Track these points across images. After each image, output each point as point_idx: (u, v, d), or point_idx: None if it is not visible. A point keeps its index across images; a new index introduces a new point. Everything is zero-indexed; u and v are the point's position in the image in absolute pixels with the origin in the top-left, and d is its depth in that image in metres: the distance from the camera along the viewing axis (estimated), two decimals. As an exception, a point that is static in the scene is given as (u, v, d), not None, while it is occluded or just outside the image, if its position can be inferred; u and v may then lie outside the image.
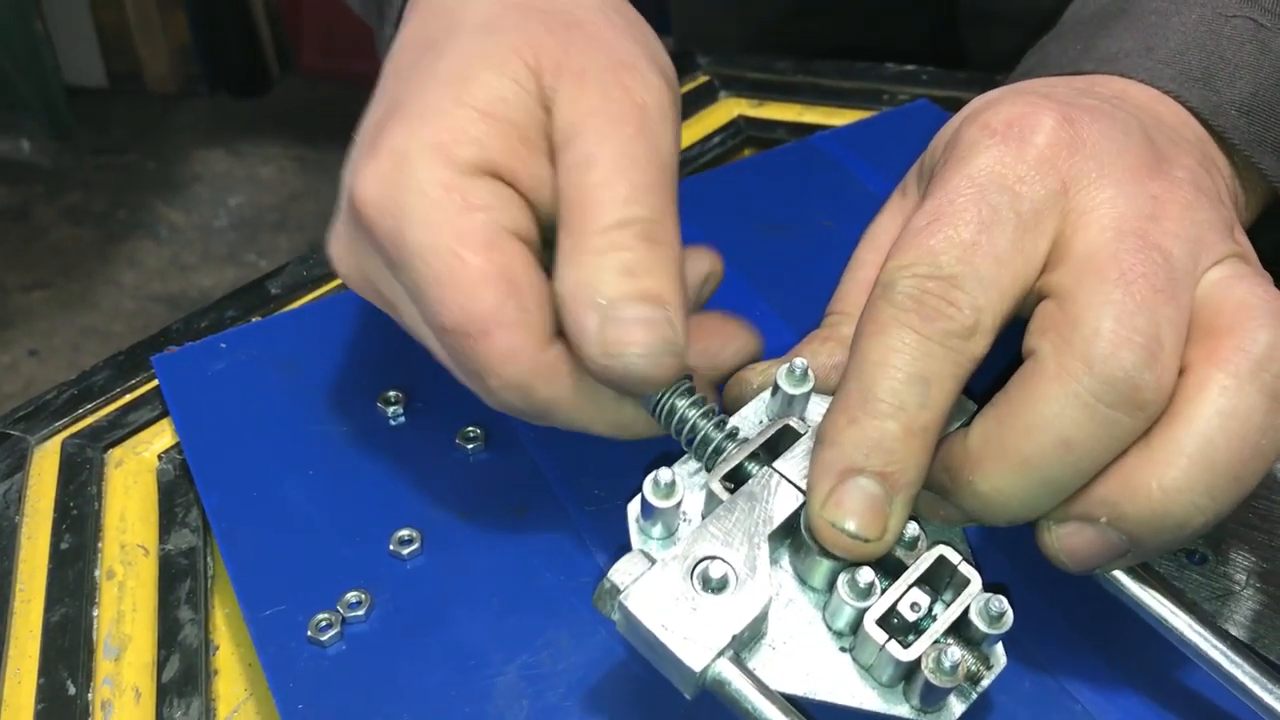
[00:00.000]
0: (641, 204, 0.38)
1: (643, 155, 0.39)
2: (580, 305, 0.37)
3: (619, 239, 0.38)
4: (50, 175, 2.68)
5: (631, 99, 0.40)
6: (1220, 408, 0.34)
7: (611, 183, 0.38)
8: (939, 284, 0.36)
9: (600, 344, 0.37)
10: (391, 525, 0.46)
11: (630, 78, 0.40)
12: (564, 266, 0.38)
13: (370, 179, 0.39)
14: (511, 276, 0.38)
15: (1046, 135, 0.39)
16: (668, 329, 0.38)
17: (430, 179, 0.38)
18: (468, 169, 0.39)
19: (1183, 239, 0.37)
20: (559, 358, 0.39)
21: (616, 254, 0.38)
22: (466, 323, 0.38)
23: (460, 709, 0.40)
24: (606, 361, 0.37)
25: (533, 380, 0.39)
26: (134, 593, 0.47)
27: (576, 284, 0.38)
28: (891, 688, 0.37)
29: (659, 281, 0.38)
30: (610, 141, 0.39)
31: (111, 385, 0.56)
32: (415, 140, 0.39)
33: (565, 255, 0.38)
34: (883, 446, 0.36)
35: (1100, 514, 0.35)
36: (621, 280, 0.37)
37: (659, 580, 0.36)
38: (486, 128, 0.39)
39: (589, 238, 0.38)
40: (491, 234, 0.38)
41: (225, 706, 0.44)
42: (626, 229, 0.38)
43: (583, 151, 0.39)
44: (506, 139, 0.39)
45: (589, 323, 0.37)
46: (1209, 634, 0.37)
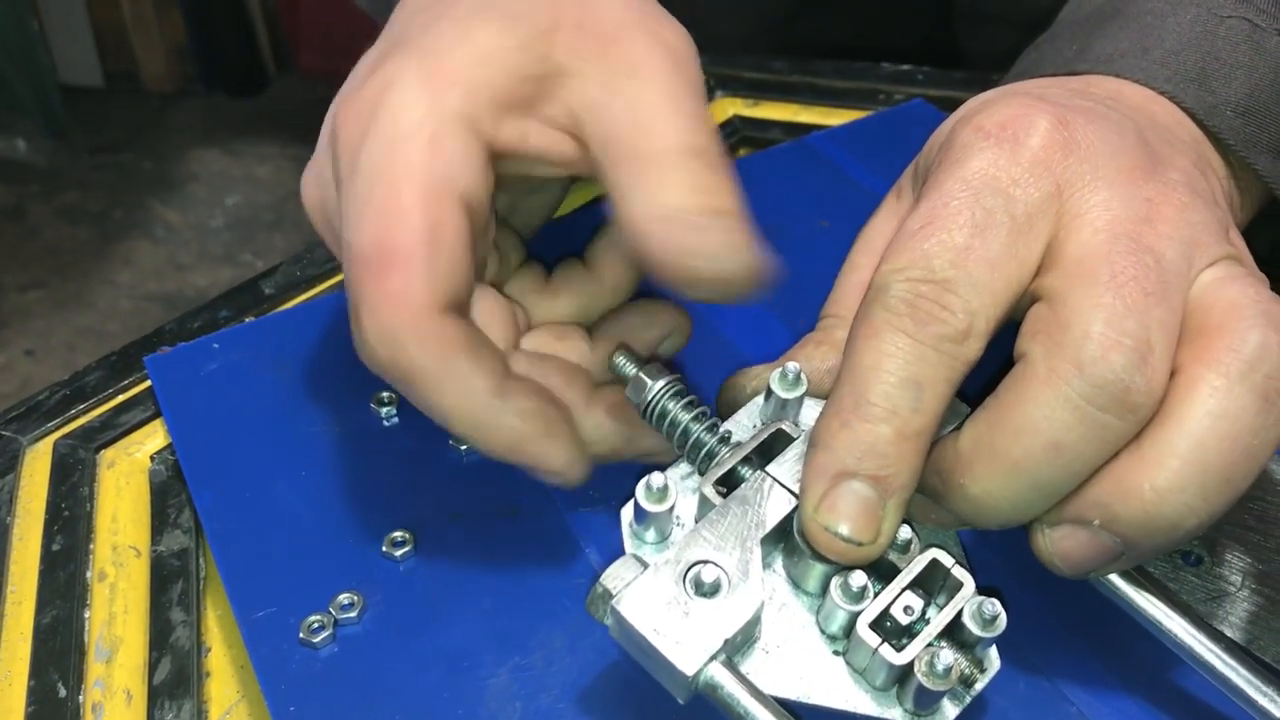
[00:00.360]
0: (699, 133, 0.39)
1: (687, 89, 0.40)
2: (663, 222, 0.37)
3: (686, 161, 0.38)
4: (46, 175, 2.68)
5: (663, 42, 0.40)
6: (1211, 408, 0.34)
7: (666, 113, 0.38)
8: (932, 288, 0.36)
9: (685, 252, 0.37)
10: (384, 526, 0.46)
11: (657, 26, 0.41)
12: (635, 192, 0.38)
13: (354, 99, 0.39)
14: (437, 231, 0.37)
15: (1041, 137, 0.39)
16: (747, 238, 0.38)
17: (410, 109, 0.38)
18: (449, 115, 0.38)
19: (1176, 241, 0.37)
20: (444, 328, 0.37)
21: (687, 174, 0.38)
22: (373, 250, 0.37)
23: (453, 711, 0.40)
24: (695, 266, 0.37)
25: (407, 335, 0.37)
26: (125, 594, 0.47)
27: (650, 204, 0.37)
28: (885, 691, 0.37)
29: (730, 199, 0.38)
30: (653, 80, 0.39)
31: (104, 386, 0.56)
32: (408, 71, 0.39)
33: (634, 182, 0.38)
34: (876, 450, 0.36)
35: (1093, 516, 0.35)
36: (696, 197, 0.37)
37: (651, 584, 0.36)
38: (482, 73, 0.39)
39: (656, 162, 0.38)
40: (440, 185, 0.38)
41: (217, 709, 0.44)
42: (690, 153, 0.38)
43: (629, 92, 0.39)
44: (499, 87, 0.39)
45: (671, 236, 0.37)
46: (1203, 636, 0.37)
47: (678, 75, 0.40)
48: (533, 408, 0.39)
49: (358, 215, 0.38)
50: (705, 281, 0.38)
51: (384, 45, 0.42)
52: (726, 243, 0.37)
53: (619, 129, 0.39)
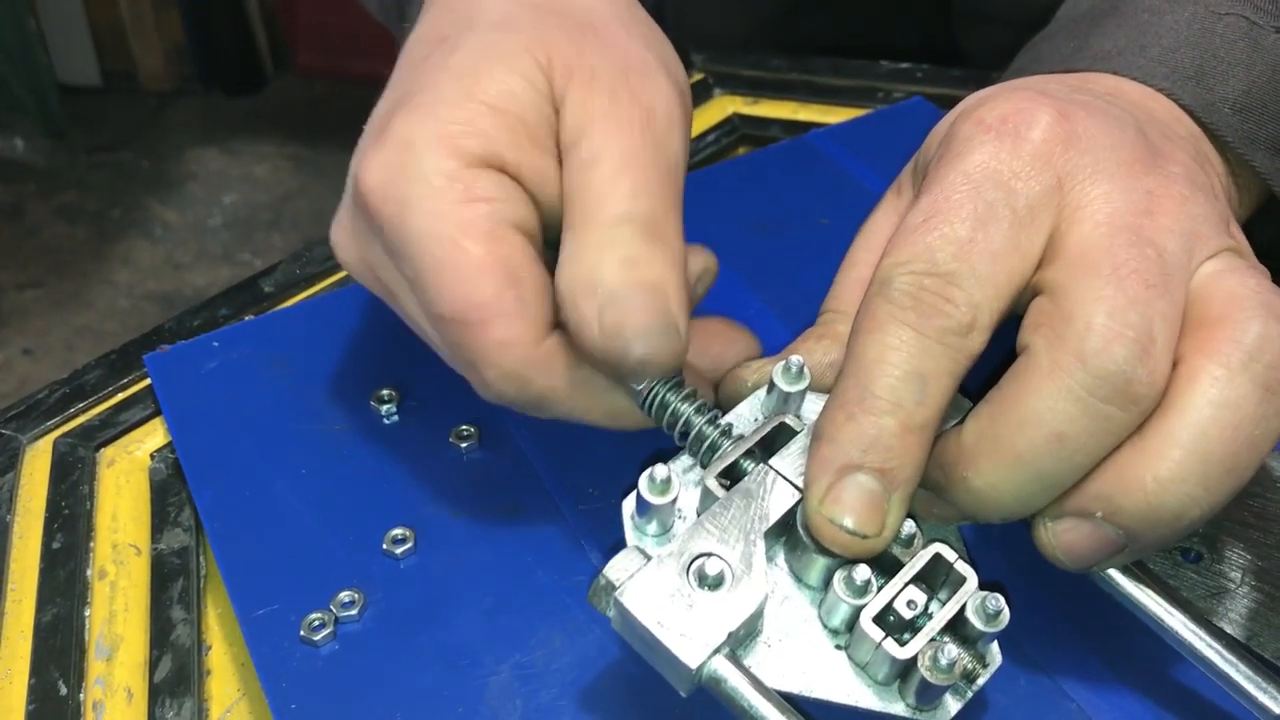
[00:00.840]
0: (643, 201, 0.39)
1: (647, 157, 0.40)
2: (581, 293, 0.38)
3: (620, 234, 0.38)
4: (44, 174, 2.68)
5: (640, 102, 0.40)
6: (1212, 398, 0.34)
7: (614, 180, 0.39)
8: (936, 281, 0.36)
9: (599, 326, 0.38)
10: (385, 524, 0.46)
11: (639, 82, 0.41)
12: (565, 261, 0.39)
13: (376, 166, 0.40)
14: (511, 267, 0.38)
15: (1042, 131, 0.39)
16: (666, 314, 0.38)
17: (435, 168, 0.38)
18: (473, 160, 0.39)
19: (1177, 233, 0.37)
20: (555, 348, 0.39)
21: (617, 247, 0.38)
22: (465, 311, 0.38)
23: (453, 709, 0.40)
24: (606, 344, 0.38)
25: (528, 370, 0.39)
26: (126, 592, 0.47)
27: (575, 275, 0.38)
28: (887, 685, 0.37)
29: (659, 271, 0.38)
30: (616, 142, 0.39)
31: (103, 384, 0.56)
32: (422, 130, 0.39)
33: (567, 251, 0.39)
34: (880, 443, 0.36)
35: (1095, 509, 0.35)
36: (620, 270, 0.38)
37: (655, 577, 0.36)
38: (494, 121, 0.39)
39: (591, 232, 0.38)
40: (493, 225, 0.38)
41: (218, 707, 0.44)
42: (627, 225, 0.38)
43: (588, 151, 0.39)
44: (513, 134, 0.40)
45: (588, 309, 0.38)
46: (1204, 632, 0.37)
47: (643, 137, 0.40)
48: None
49: (434, 287, 0.38)
50: (615, 361, 0.38)
51: (394, 97, 0.42)
52: (641, 323, 0.38)
53: (571, 187, 0.40)
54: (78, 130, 2.80)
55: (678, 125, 0.41)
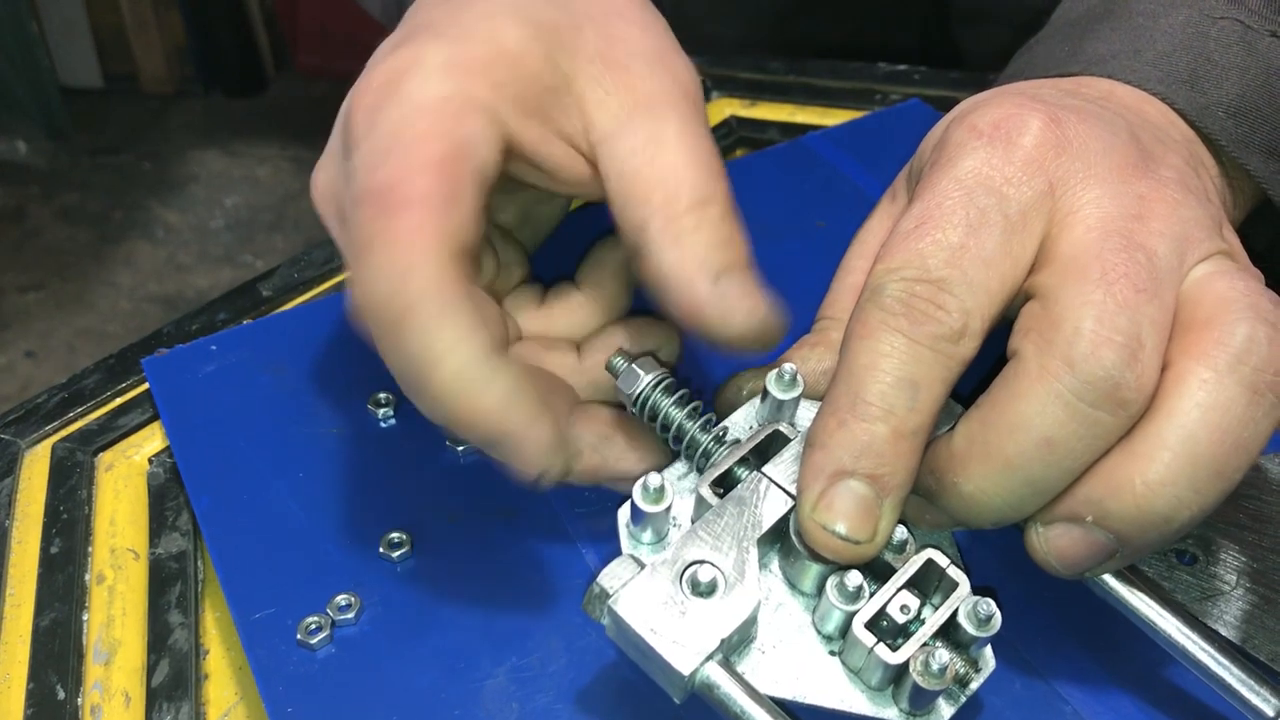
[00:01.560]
0: (715, 181, 0.40)
1: (701, 135, 0.41)
2: (693, 282, 0.39)
3: (707, 216, 0.39)
4: (46, 176, 2.68)
5: (677, 80, 0.42)
6: (1200, 401, 0.34)
7: (686, 163, 0.40)
8: (927, 288, 0.36)
9: (722, 313, 0.39)
10: (381, 528, 0.46)
11: (672, 61, 0.42)
12: (663, 245, 0.39)
13: (373, 76, 0.39)
14: (455, 186, 0.36)
15: (1034, 136, 0.39)
16: (764, 294, 0.40)
17: (436, 85, 0.38)
18: (474, 98, 0.38)
19: (1168, 237, 0.37)
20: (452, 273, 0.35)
21: (710, 229, 0.39)
22: (388, 189, 0.35)
23: (450, 712, 0.40)
24: (731, 327, 0.39)
25: (415, 271, 0.34)
26: (124, 597, 0.47)
27: (682, 261, 0.39)
28: (880, 691, 0.37)
29: (744, 252, 0.40)
30: (671, 123, 0.40)
31: (102, 388, 0.56)
32: (434, 55, 0.38)
33: (660, 233, 0.39)
34: (872, 449, 0.36)
35: (1086, 513, 0.36)
36: (721, 253, 0.39)
37: (648, 584, 0.36)
38: (505, 69, 0.39)
39: (680, 216, 0.39)
40: (462, 152, 0.37)
41: (215, 711, 0.44)
42: (710, 206, 0.39)
43: (649, 133, 0.40)
44: (522, 87, 0.40)
45: (708, 297, 0.38)
46: (1197, 635, 0.37)
47: (691, 115, 0.41)
48: (523, 377, 0.36)
49: (371, 164, 0.36)
50: (730, 340, 0.39)
51: (404, 32, 0.42)
52: (750, 305, 0.39)
53: (638, 170, 0.40)
54: (79, 132, 2.81)
55: (703, 97, 0.43)
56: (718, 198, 0.40)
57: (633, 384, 0.43)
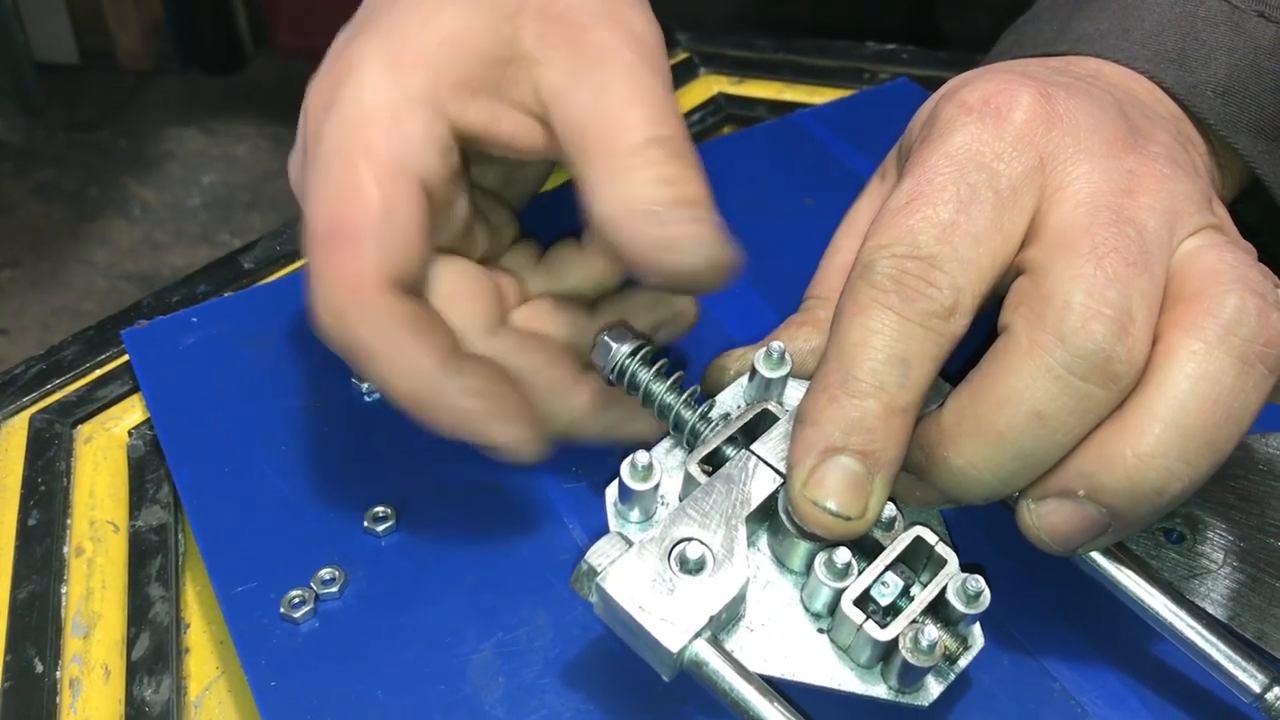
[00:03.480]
0: (665, 123, 0.39)
1: (654, 79, 0.40)
2: (628, 217, 0.38)
3: (653, 155, 0.39)
4: (20, 152, 2.65)
5: (627, 30, 0.41)
6: (1190, 372, 0.34)
7: (629, 107, 0.39)
8: (918, 264, 0.36)
9: (660, 247, 0.38)
10: (366, 501, 0.46)
11: (622, 12, 0.42)
12: (604, 188, 0.39)
13: (322, 80, 0.41)
14: (391, 211, 0.38)
15: (1024, 111, 0.39)
16: (714, 228, 0.39)
17: (372, 87, 0.39)
18: (414, 94, 0.39)
19: (1158, 211, 0.37)
20: (392, 309, 0.38)
21: (655, 167, 0.38)
22: (326, 226, 0.38)
23: (435, 687, 0.40)
24: (663, 259, 0.38)
25: (353, 311, 0.38)
26: (103, 570, 0.46)
27: (623, 199, 0.38)
28: (869, 669, 0.37)
29: (696, 189, 0.39)
30: (620, 69, 0.40)
31: (81, 360, 0.55)
32: (373, 52, 0.40)
33: (599, 180, 0.39)
34: (863, 425, 0.36)
35: (1077, 487, 0.35)
36: (665, 188, 0.38)
37: (636, 562, 0.36)
38: (448, 55, 0.40)
39: (623, 157, 0.39)
40: (398, 167, 0.39)
41: (197, 685, 0.43)
42: (658, 146, 0.39)
43: (590, 86, 0.40)
44: (465, 68, 0.40)
45: (640, 228, 0.38)
46: (1184, 613, 0.38)
47: (644, 64, 0.40)
48: (481, 386, 0.39)
49: (315, 192, 0.39)
50: (676, 274, 0.39)
51: (352, 27, 0.43)
52: (695, 235, 0.38)
53: (586, 121, 0.40)
54: (55, 108, 2.77)
55: (663, 48, 0.42)
56: (664, 139, 0.39)
57: (605, 357, 0.42)
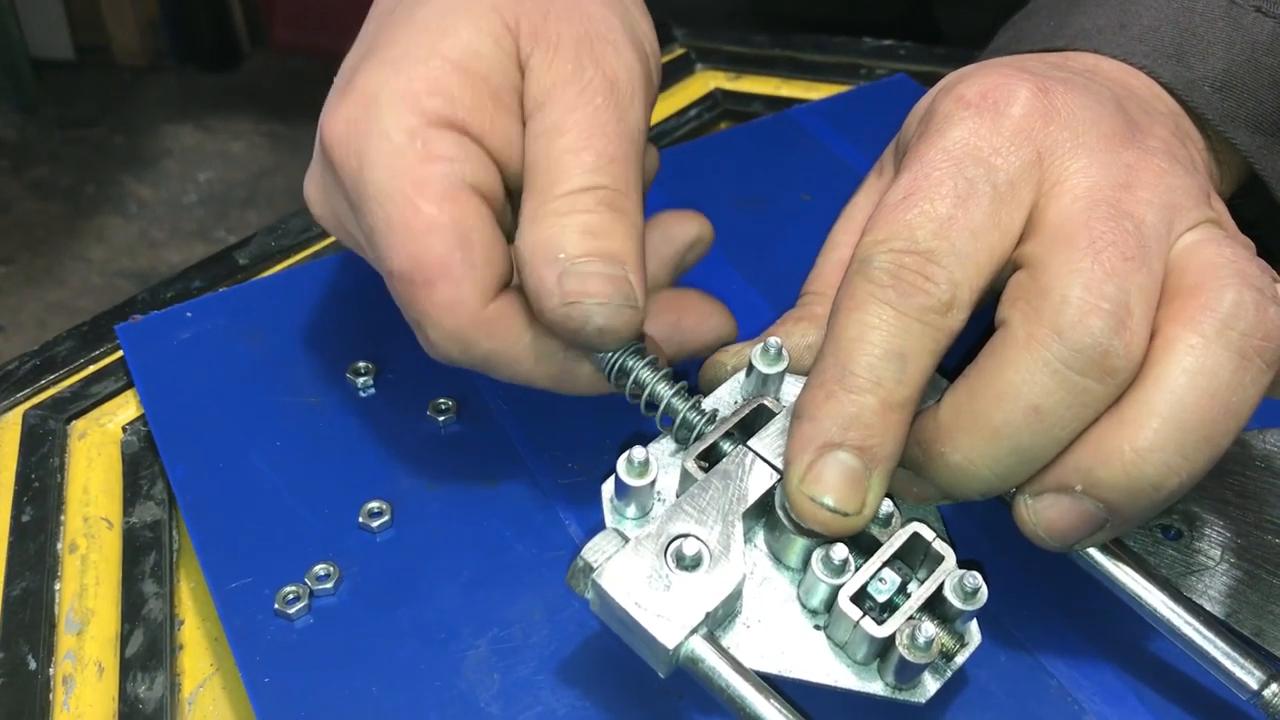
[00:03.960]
0: (605, 173, 0.39)
1: (610, 127, 0.40)
2: (540, 260, 0.38)
3: (581, 202, 0.39)
4: (16, 149, 2.64)
5: (602, 71, 0.41)
6: (1187, 366, 0.34)
7: (578, 150, 0.39)
8: (916, 259, 0.36)
9: (559, 294, 0.38)
10: (361, 497, 0.45)
11: (603, 50, 0.41)
12: (526, 226, 0.39)
13: (339, 120, 0.40)
14: (463, 229, 0.39)
15: (1022, 106, 0.39)
16: (625, 284, 0.39)
17: (396, 125, 0.39)
18: (434, 119, 0.39)
19: (1156, 206, 0.37)
20: (503, 311, 0.40)
21: (578, 216, 0.39)
22: (412, 270, 0.38)
23: (430, 683, 0.40)
24: (565, 310, 0.38)
25: (472, 333, 0.39)
26: (97, 566, 0.46)
27: (537, 241, 0.38)
28: (866, 665, 0.37)
29: (619, 244, 0.39)
30: (579, 111, 0.40)
31: (75, 356, 0.55)
32: (386, 86, 0.40)
33: (528, 216, 0.39)
34: (861, 421, 0.36)
35: (1075, 482, 0.35)
36: (582, 239, 0.38)
37: (632, 558, 0.36)
38: (458, 80, 0.40)
39: (552, 200, 0.39)
40: (449, 185, 0.39)
41: (191, 682, 0.43)
42: (589, 194, 0.39)
43: (551, 119, 0.40)
44: (477, 94, 0.40)
45: (548, 275, 0.38)
46: (1181, 609, 0.37)
47: (607, 107, 0.40)
48: None
49: (385, 241, 0.39)
50: (574, 332, 0.39)
51: (360, 51, 0.43)
52: (597, 292, 0.38)
53: (534, 157, 0.40)
54: (50, 105, 2.76)
55: (639, 96, 0.42)
56: (604, 189, 0.39)
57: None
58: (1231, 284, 0.35)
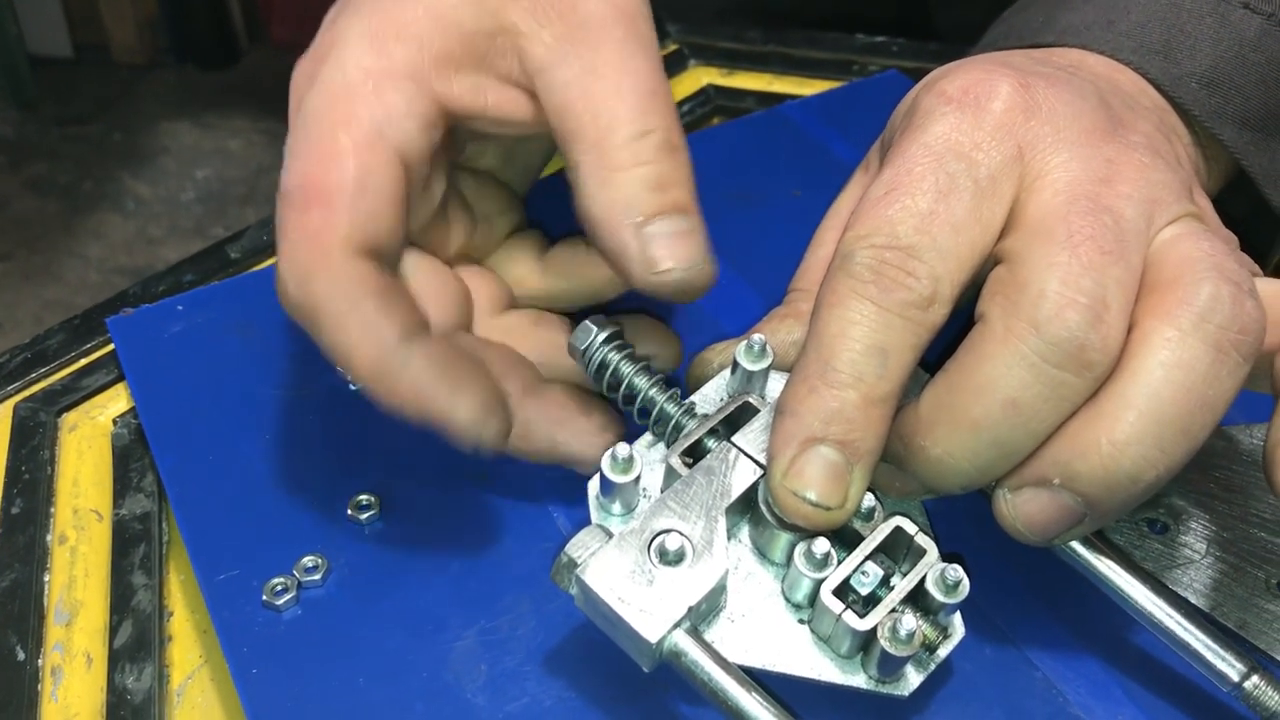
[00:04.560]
0: (654, 111, 0.39)
1: (642, 60, 0.40)
2: (618, 224, 0.38)
3: (642, 152, 0.38)
4: (14, 146, 2.64)
5: (614, 3, 0.40)
6: (1164, 359, 0.34)
7: (621, 92, 0.39)
8: (897, 254, 0.36)
9: (644, 262, 0.38)
10: (350, 489, 0.46)
11: None
12: (592, 186, 0.39)
13: (306, 59, 0.41)
14: (366, 177, 0.38)
15: (1003, 101, 0.39)
16: (698, 241, 0.39)
17: (355, 61, 0.39)
18: (397, 67, 0.39)
19: (1135, 200, 0.37)
20: (356, 271, 0.38)
21: (644, 168, 0.38)
22: (299, 187, 0.38)
23: (417, 673, 0.40)
24: (653, 277, 0.38)
25: (314, 270, 0.38)
26: (86, 558, 0.46)
27: (611, 204, 0.38)
28: (850, 659, 0.37)
29: (684, 192, 0.39)
30: (607, 49, 0.39)
31: (66, 349, 0.55)
32: (356, 29, 0.40)
33: (591, 173, 0.39)
34: (842, 416, 0.36)
35: (1053, 475, 0.35)
36: (653, 196, 0.38)
37: (616, 554, 0.36)
38: (430, 27, 0.40)
39: (612, 153, 0.38)
40: (376, 135, 0.39)
41: (179, 673, 0.43)
42: (646, 141, 0.39)
43: (578, 64, 0.39)
44: (447, 40, 0.40)
45: (631, 241, 0.38)
46: (1164, 603, 0.38)
47: (634, 41, 0.40)
48: (440, 355, 0.38)
49: (291, 158, 0.39)
50: (658, 288, 0.39)
51: (338, 7, 0.43)
52: (678, 253, 0.38)
53: (572, 103, 0.39)
54: (48, 102, 2.76)
55: (649, 17, 0.41)
56: (657, 130, 0.39)
57: (584, 341, 0.42)
58: (1208, 278, 0.35)
